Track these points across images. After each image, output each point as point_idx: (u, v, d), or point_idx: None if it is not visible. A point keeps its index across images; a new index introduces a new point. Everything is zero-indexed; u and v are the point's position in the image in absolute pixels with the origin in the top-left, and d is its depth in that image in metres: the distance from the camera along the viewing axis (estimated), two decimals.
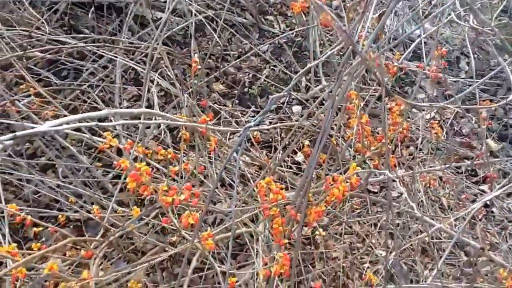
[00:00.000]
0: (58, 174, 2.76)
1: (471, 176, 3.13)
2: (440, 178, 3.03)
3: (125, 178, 2.02)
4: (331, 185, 1.10)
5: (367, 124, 1.49)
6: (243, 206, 1.74)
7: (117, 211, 2.20)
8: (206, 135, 1.31)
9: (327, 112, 1.10)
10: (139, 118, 1.50)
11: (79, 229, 2.58)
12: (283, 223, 1.13)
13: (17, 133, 1.02)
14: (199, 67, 1.69)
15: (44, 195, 2.65)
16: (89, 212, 2.60)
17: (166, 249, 2.21)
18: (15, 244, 1.36)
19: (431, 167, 2.83)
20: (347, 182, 1.09)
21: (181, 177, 2.21)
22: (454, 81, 3.91)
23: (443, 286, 1.37)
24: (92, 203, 2.54)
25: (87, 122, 1.14)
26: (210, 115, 1.26)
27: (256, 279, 2.06)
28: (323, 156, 1.60)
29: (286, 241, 1.14)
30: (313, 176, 2.73)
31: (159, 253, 2.25)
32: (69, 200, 1.96)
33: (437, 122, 2.39)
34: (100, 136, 2.96)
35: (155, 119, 1.52)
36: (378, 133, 2.57)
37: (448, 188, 2.97)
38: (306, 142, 1.61)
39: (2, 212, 2.31)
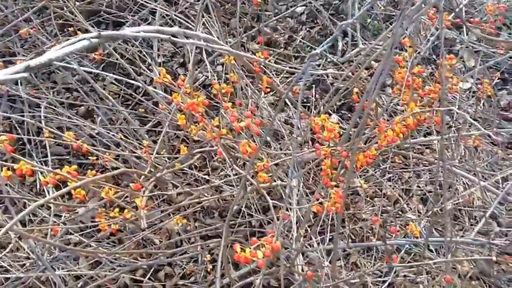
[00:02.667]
0: (96, 123, 2.81)
1: (507, 149, 3.07)
2: (476, 148, 2.98)
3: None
4: (385, 127, 1.09)
5: (420, 73, 1.46)
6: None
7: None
8: (259, 74, 1.30)
9: (387, 52, 1.08)
10: None
11: (115, 178, 2.63)
12: (334, 163, 1.13)
13: (102, 33, 1.03)
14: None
15: (83, 142, 2.70)
16: (125, 161, 2.66)
17: (200, 198, 2.24)
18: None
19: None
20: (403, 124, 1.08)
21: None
22: (493, 52, 3.80)
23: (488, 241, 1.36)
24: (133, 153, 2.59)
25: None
26: (265, 53, 1.25)
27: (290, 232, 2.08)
28: (373, 104, 1.58)
29: (334, 183, 1.14)
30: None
31: (193, 204, 2.28)
32: (106, 154, 2.00)
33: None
34: (136, 90, 3.00)
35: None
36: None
37: (483, 159, 2.93)
38: (355, 90, 1.58)
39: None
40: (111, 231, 1.51)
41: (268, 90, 1.31)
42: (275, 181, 1.99)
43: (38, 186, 2.60)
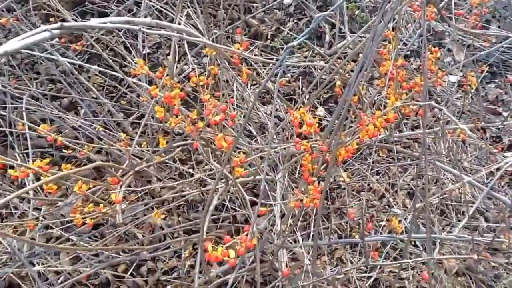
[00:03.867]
0: (80, 115, 2.76)
1: (495, 143, 3.06)
2: (463, 142, 2.97)
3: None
4: (365, 121, 1.05)
5: (403, 66, 1.43)
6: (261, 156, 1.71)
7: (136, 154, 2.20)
8: (239, 66, 1.26)
9: (367, 45, 1.05)
10: None
11: (98, 170, 2.59)
12: (313, 158, 1.10)
13: (65, 23, 0.98)
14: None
15: (66, 135, 2.66)
16: (108, 153, 2.62)
17: (183, 192, 2.20)
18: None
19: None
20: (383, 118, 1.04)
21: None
22: (482, 45, 3.78)
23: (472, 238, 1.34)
24: (112, 146, 2.55)
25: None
26: (244, 44, 1.21)
27: (274, 227, 2.05)
28: (355, 98, 1.54)
29: (314, 178, 1.11)
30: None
31: (176, 197, 2.24)
32: (86, 147, 1.95)
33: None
34: (120, 83, 2.95)
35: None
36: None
37: (470, 153, 2.91)
38: (338, 83, 1.55)
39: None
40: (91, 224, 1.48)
41: (255, 82, 1.29)
42: (259, 174, 1.96)
43: (19, 179, 2.54)
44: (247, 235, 0.95)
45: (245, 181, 1.83)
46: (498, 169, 1.76)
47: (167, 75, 1.34)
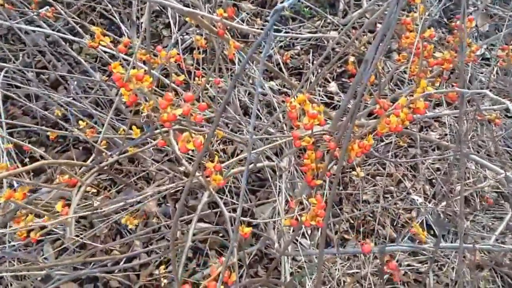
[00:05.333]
0: (70, 91, 2.55)
1: None
2: (489, 121, 2.70)
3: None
4: (386, 111, 0.82)
5: (431, 38, 1.18)
6: (265, 136, 1.48)
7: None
8: (225, 37, 1.03)
9: (389, 12, 0.80)
10: None
11: (89, 151, 2.39)
12: (317, 158, 0.87)
13: None
14: None
15: (52, 112, 2.46)
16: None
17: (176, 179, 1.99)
18: None
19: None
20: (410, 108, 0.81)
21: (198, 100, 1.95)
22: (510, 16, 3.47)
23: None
24: (103, 125, 2.34)
25: None
26: (231, 9, 0.98)
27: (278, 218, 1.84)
28: (372, 77, 1.31)
29: (320, 182, 0.89)
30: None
31: (170, 183, 2.03)
32: (78, 123, 1.73)
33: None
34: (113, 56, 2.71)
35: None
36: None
37: (496, 133, 2.65)
38: (351, 59, 1.31)
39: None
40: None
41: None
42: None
43: None
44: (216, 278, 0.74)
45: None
46: None
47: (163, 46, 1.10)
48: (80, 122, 1.54)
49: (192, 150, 0.79)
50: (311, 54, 2.77)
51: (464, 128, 2.08)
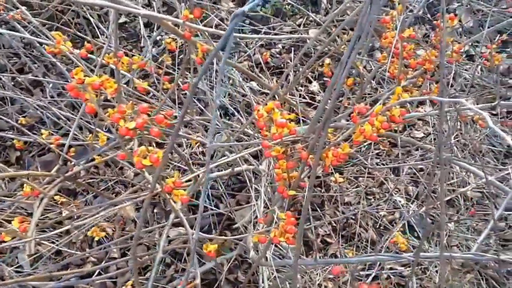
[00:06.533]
0: (46, 93, 2.48)
1: (507, 118, 2.77)
2: (472, 119, 2.68)
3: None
4: (362, 117, 0.77)
5: (411, 38, 1.14)
6: (242, 139, 1.44)
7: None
8: (191, 40, 0.97)
9: (363, 10, 0.76)
10: None
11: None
12: (290, 168, 0.82)
13: None
14: None
15: (29, 116, 2.39)
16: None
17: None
18: None
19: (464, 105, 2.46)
20: (385, 116, 0.76)
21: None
22: (494, 12, 3.45)
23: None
24: (80, 128, 2.27)
25: None
26: (198, 10, 0.92)
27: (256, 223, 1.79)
28: (349, 80, 1.26)
29: (292, 192, 0.84)
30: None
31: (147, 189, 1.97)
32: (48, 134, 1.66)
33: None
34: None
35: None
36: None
37: (480, 131, 2.63)
38: (327, 61, 1.27)
39: None
40: None
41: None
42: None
43: None
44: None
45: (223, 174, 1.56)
46: None
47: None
48: (43, 131, 1.48)
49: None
50: (292, 52, 2.72)
51: (444, 134, 2.05)
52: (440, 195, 0.94)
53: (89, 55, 1.27)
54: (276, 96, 1.34)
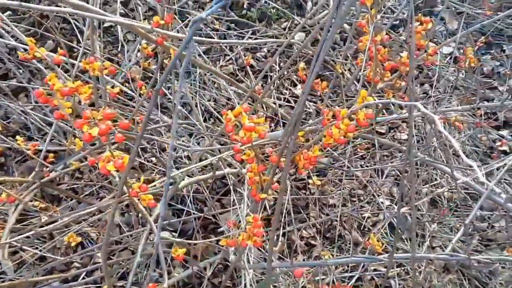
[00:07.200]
0: (31, 99, 2.47)
1: (489, 119, 2.79)
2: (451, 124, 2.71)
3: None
4: (330, 121, 0.78)
5: (384, 42, 1.15)
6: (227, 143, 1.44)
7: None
8: (164, 45, 0.98)
9: (330, 14, 0.77)
10: None
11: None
12: (261, 171, 0.84)
13: None
14: None
15: (13, 122, 2.38)
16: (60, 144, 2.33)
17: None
18: None
19: (447, 107, 2.49)
20: (351, 119, 0.77)
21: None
22: (478, 14, 3.48)
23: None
24: (65, 133, 2.26)
25: None
26: (169, 16, 0.93)
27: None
28: (323, 83, 1.27)
29: (264, 196, 0.85)
30: (312, 109, 2.43)
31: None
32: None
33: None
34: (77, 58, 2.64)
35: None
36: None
37: (464, 132, 2.65)
38: (301, 65, 1.27)
39: None
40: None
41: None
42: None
43: None
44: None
45: (207, 178, 1.56)
46: (498, 168, 1.51)
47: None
48: (18, 137, 1.47)
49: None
50: (277, 56, 2.73)
51: (413, 139, 2.07)
52: (411, 196, 0.95)
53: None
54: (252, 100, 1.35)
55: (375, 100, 0.78)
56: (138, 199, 0.85)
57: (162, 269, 0.76)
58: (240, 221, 1.77)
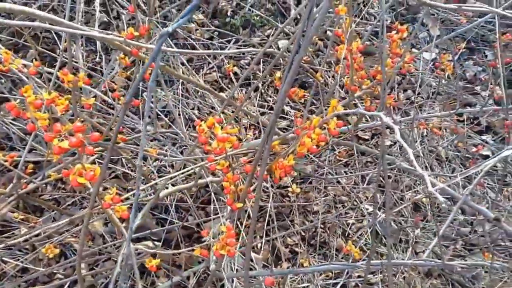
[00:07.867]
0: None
1: (473, 125, 2.82)
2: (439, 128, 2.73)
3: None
4: (303, 130, 0.79)
5: (359, 51, 1.16)
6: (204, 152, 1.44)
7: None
8: (139, 56, 0.98)
9: (301, 25, 0.78)
10: None
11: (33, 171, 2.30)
12: (236, 181, 0.84)
13: None
14: None
15: None
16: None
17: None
18: None
19: (429, 113, 2.52)
20: (324, 128, 0.78)
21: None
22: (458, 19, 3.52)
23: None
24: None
25: None
26: (144, 28, 0.93)
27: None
28: (300, 92, 1.28)
29: (240, 205, 0.85)
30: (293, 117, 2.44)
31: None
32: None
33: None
34: (60, 68, 2.62)
35: None
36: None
37: (446, 138, 2.68)
38: (278, 74, 1.28)
39: None
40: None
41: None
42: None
43: None
44: None
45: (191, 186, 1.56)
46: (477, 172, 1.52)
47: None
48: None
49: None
50: (261, 63, 2.75)
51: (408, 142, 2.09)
52: (387, 202, 0.96)
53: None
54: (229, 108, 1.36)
55: (343, 110, 0.78)
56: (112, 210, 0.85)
57: (136, 279, 0.76)
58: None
